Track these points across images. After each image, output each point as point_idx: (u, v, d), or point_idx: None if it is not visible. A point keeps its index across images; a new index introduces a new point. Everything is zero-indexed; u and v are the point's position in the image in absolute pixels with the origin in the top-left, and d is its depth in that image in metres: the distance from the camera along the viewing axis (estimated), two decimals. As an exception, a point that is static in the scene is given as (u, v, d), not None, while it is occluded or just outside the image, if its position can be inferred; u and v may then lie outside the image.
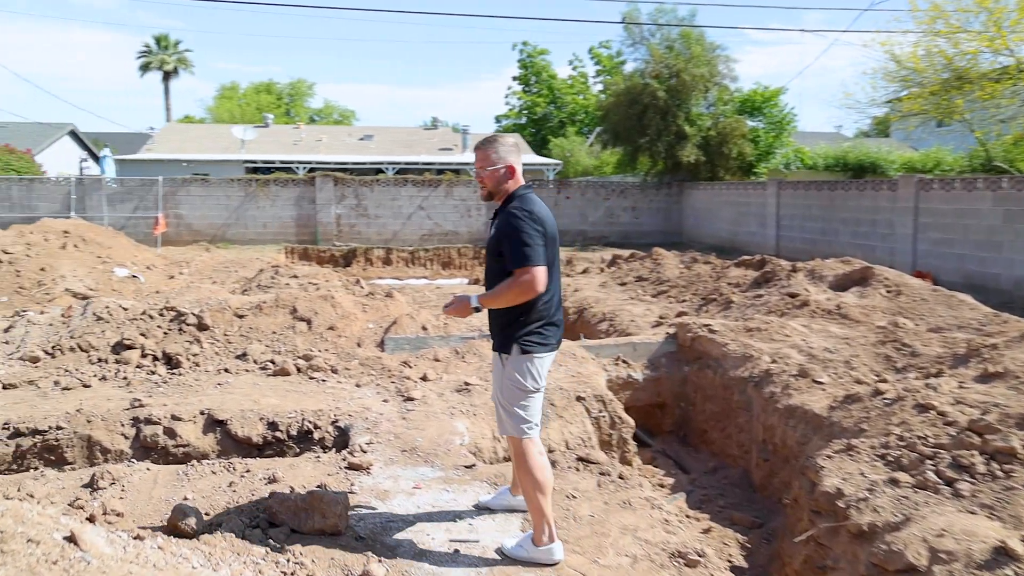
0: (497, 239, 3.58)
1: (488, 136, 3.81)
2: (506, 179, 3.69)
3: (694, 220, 22.49)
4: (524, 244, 3.43)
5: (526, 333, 3.63)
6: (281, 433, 5.34)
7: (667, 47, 21.84)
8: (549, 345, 3.66)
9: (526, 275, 3.42)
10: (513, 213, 3.52)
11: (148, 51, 53.79)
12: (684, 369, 7.70)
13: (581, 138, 39.57)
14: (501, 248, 3.53)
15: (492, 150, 3.69)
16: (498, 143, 3.73)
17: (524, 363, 3.60)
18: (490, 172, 3.67)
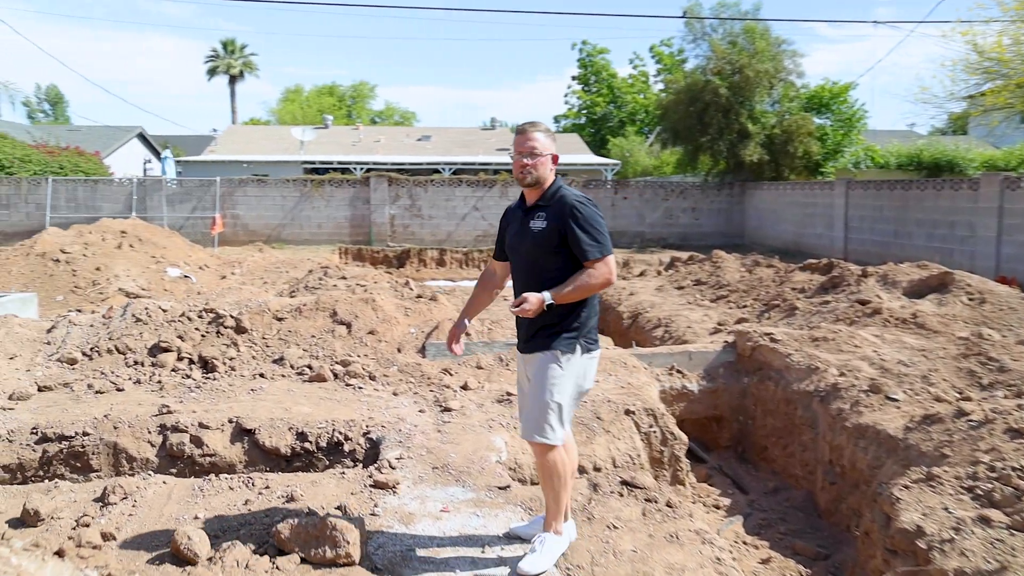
0: (553, 232, 3.34)
1: (533, 120, 3.54)
2: (551, 168, 3.50)
3: (756, 221, 21.69)
4: (600, 232, 3.34)
5: (588, 331, 3.46)
6: (310, 444, 5.08)
7: (730, 42, 21.10)
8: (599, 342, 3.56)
9: (605, 265, 3.33)
10: (580, 202, 3.38)
11: (215, 55, 55.09)
12: (743, 380, 7.21)
13: (641, 138, 38.89)
14: (556, 241, 3.34)
15: (546, 134, 3.49)
16: (548, 128, 3.54)
17: (587, 363, 3.44)
18: (542, 158, 3.44)
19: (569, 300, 3.34)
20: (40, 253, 11.65)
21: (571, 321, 3.44)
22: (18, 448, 5.01)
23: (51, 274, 11.23)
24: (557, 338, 3.40)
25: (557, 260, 3.38)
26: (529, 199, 3.58)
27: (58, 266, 11.36)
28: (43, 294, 10.88)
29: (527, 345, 3.51)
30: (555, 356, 3.38)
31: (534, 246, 3.41)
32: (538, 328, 3.44)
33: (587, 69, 44.19)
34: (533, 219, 3.45)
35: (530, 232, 3.43)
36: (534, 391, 3.43)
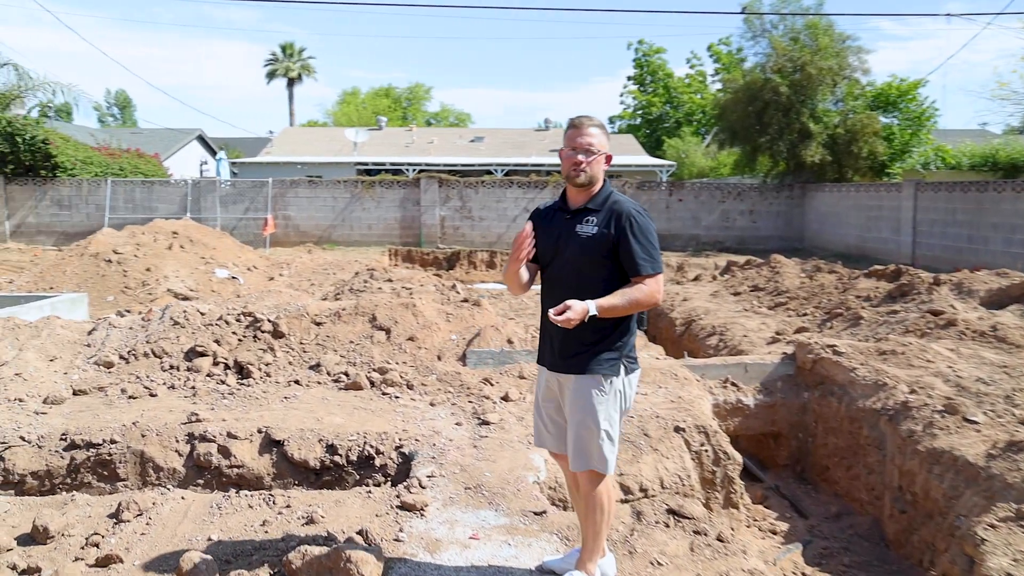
0: (605, 239, 3.07)
1: (588, 114, 3.24)
2: (602, 169, 3.22)
3: (817, 225, 20.89)
4: (654, 247, 3.11)
5: (630, 349, 3.22)
6: (340, 458, 4.85)
7: (791, 39, 20.35)
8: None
9: (655, 283, 3.09)
10: (639, 212, 3.14)
11: (274, 59, 56.07)
12: (803, 395, 6.76)
13: (697, 139, 38.12)
14: (607, 250, 3.10)
15: (602, 131, 3.20)
16: (604, 125, 3.24)
17: (628, 383, 3.22)
18: (598, 156, 3.16)
19: (613, 315, 3.04)
20: (93, 254, 11.78)
21: (614, 339, 3.16)
22: (47, 455, 4.91)
23: (103, 274, 11.34)
24: (598, 359, 3.13)
25: (603, 271, 3.11)
26: (575, 200, 3.26)
27: (110, 266, 11.46)
28: (95, 294, 10.97)
29: (563, 364, 3.21)
30: (598, 381, 3.12)
31: (582, 253, 3.13)
32: (576, 346, 3.15)
33: (643, 69, 43.54)
34: (581, 223, 3.16)
35: (577, 237, 3.14)
36: (578, 418, 3.15)
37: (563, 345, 3.19)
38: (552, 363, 3.27)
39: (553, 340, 3.26)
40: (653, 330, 11.66)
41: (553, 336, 3.26)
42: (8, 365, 6.17)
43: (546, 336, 3.33)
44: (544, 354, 3.35)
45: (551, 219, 3.32)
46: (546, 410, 3.37)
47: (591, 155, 3.14)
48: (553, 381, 3.29)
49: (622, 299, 3.02)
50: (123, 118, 66.15)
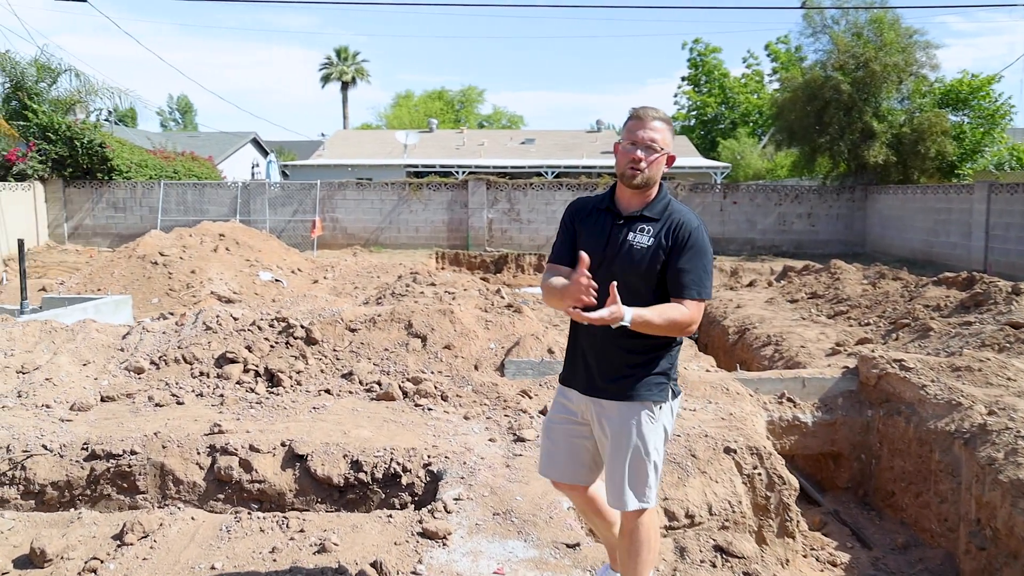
0: (659, 253, 2.75)
1: (654, 105, 2.84)
2: (663, 171, 2.83)
3: (880, 229, 19.99)
4: (707, 271, 2.76)
5: (675, 372, 2.93)
6: (365, 475, 4.60)
7: (854, 34, 19.51)
8: None
9: (698, 310, 2.74)
10: (700, 228, 2.79)
11: (329, 63, 56.70)
12: (866, 413, 6.27)
13: (753, 140, 37.17)
14: (659, 265, 2.76)
15: (668, 126, 2.80)
16: (670, 119, 2.85)
17: (674, 409, 2.94)
18: (660, 155, 2.76)
19: (644, 329, 2.67)
20: (141, 256, 11.84)
21: (664, 361, 2.84)
22: (67, 464, 4.76)
23: (149, 276, 11.38)
24: (646, 384, 2.80)
25: (650, 286, 2.76)
26: (629, 204, 2.86)
27: (156, 269, 11.50)
28: (140, 296, 11.00)
29: (604, 388, 2.84)
30: (647, 409, 2.80)
31: (631, 265, 2.76)
32: (621, 367, 2.81)
33: (698, 69, 42.67)
34: (635, 231, 2.79)
35: (629, 247, 2.78)
36: (625, 451, 2.81)
37: (604, 366, 2.84)
38: (588, 386, 2.90)
39: (590, 359, 2.89)
40: (704, 338, 11.18)
41: (590, 355, 2.89)
42: (40, 370, 6.10)
43: (579, 354, 2.95)
44: (576, 375, 2.96)
45: (597, 220, 2.91)
46: (564, 435, 3.01)
47: (653, 153, 2.74)
48: (586, 406, 2.92)
49: (658, 316, 2.65)
50: (184, 122, 67.86)
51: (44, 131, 18.07)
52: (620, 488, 2.81)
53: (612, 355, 2.81)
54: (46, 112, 18.16)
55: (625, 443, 2.80)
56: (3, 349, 6.58)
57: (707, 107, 41.75)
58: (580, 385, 2.93)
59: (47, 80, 18.90)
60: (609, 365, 2.82)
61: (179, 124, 67.17)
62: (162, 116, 67.13)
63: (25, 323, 7.00)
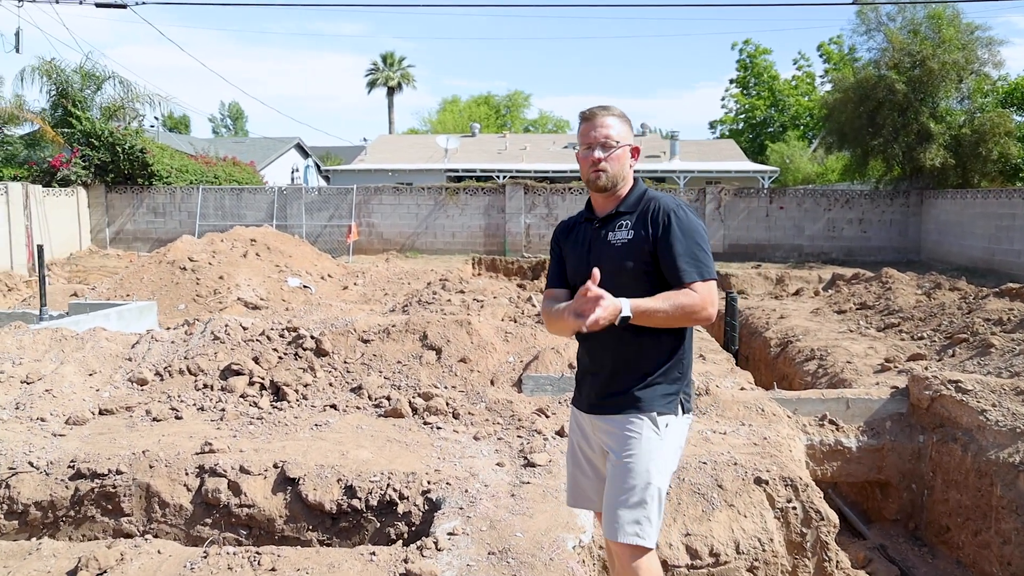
0: (643, 244, 2.56)
1: (604, 104, 2.64)
2: (630, 166, 2.68)
3: (936, 235, 19.05)
4: (702, 248, 2.53)
5: (688, 382, 2.69)
6: (359, 502, 4.26)
7: (910, 31, 18.62)
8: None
9: (707, 291, 2.48)
10: (680, 206, 2.59)
11: (375, 68, 57.08)
12: (918, 439, 5.72)
13: (803, 143, 36.14)
14: (646, 258, 2.56)
15: (621, 120, 2.61)
16: (624, 114, 2.64)
17: (684, 428, 2.66)
18: (618, 150, 2.57)
19: (651, 322, 2.41)
20: (170, 261, 11.77)
21: (672, 368, 2.56)
22: (52, 483, 4.54)
23: (177, 282, 11.29)
24: (651, 393, 2.53)
25: (644, 284, 2.53)
26: (602, 207, 2.69)
27: (184, 274, 11.41)
28: (167, 302, 10.91)
29: (604, 403, 2.60)
30: (651, 421, 2.51)
31: (617, 264, 2.53)
32: (627, 379, 2.53)
33: (747, 71, 41.74)
34: (613, 229, 2.60)
35: (609, 247, 2.58)
36: (621, 472, 2.51)
37: (605, 377, 2.60)
38: (591, 404, 2.66)
39: (592, 373, 2.67)
40: (745, 350, 10.63)
41: (592, 368, 2.66)
42: (43, 380, 5.92)
43: (583, 371, 2.74)
44: (580, 393, 2.76)
45: (578, 233, 2.76)
46: (587, 460, 2.77)
47: (610, 149, 2.56)
48: (592, 427, 2.68)
49: (663, 302, 2.40)
50: (235, 129, 69.09)
51: (88, 137, 18.33)
52: (613, 513, 2.51)
53: (614, 363, 2.56)
54: (90, 119, 18.41)
55: (623, 460, 2.52)
56: (12, 357, 6.44)
57: (756, 110, 40.79)
58: (584, 403, 2.71)
59: (91, 87, 19.20)
60: (611, 376, 2.58)
61: (230, 130, 68.41)
62: (214, 123, 68.49)
63: (36, 331, 6.87)
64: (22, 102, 19.46)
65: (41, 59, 18.57)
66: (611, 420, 2.59)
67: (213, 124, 68.09)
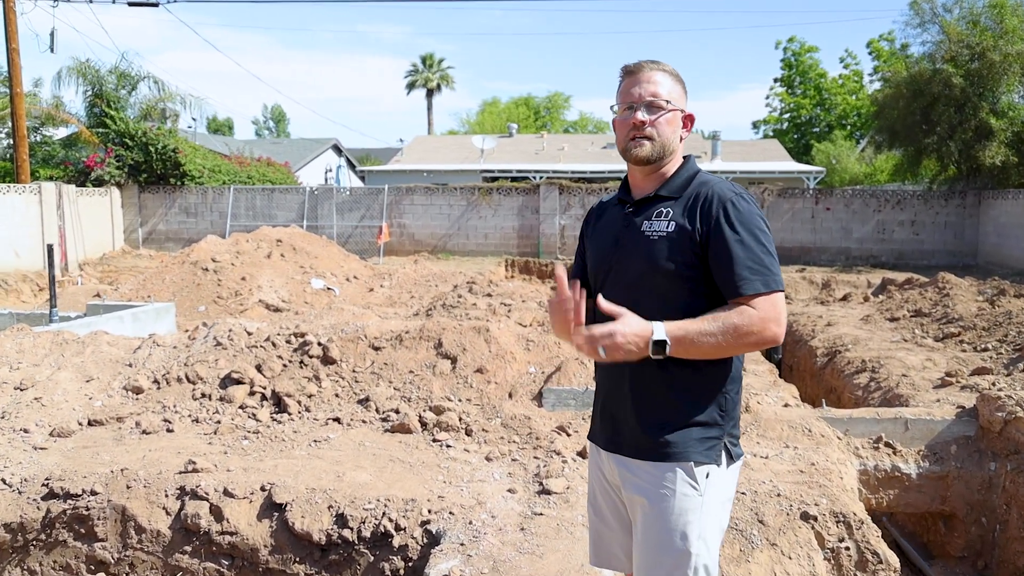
0: (686, 241, 1.96)
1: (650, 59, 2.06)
2: (680, 137, 2.07)
3: (996, 238, 18.03)
4: (767, 251, 1.93)
5: (735, 422, 2.06)
6: (351, 532, 3.81)
7: (969, 22, 17.65)
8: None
9: (770, 306, 1.87)
10: (739, 196, 1.97)
11: (414, 70, 57.05)
12: (988, 466, 5.08)
13: (850, 143, 34.96)
14: (690, 258, 1.96)
15: (674, 78, 2.06)
16: (677, 72, 2.05)
17: (732, 478, 2.07)
18: (668, 113, 2.01)
19: (697, 352, 1.85)
20: (193, 261, 11.53)
21: (714, 403, 1.98)
22: (24, 503, 4.18)
23: (199, 283, 11.03)
24: (686, 436, 1.98)
25: (683, 293, 1.96)
26: (640, 186, 2.10)
27: (206, 275, 11.14)
28: (188, 304, 10.65)
29: (629, 443, 2.04)
30: (687, 474, 1.98)
31: (648, 263, 1.98)
32: (655, 413, 1.98)
33: (792, 69, 40.61)
34: (649, 218, 2.03)
35: (642, 240, 2.01)
36: (651, 541, 1.98)
37: (628, 410, 2.03)
38: (609, 440, 2.11)
39: (611, 402, 2.10)
40: (789, 360, 9.97)
41: (611, 395, 2.10)
42: (35, 387, 5.60)
43: (603, 399, 2.17)
44: (597, 425, 2.20)
45: (608, 217, 2.21)
46: (610, 509, 2.19)
47: (658, 111, 1.99)
48: (613, 469, 2.13)
49: (712, 324, 1.84)
50: (277, 131, 69.81)
51: (122, 137, 18.33)
52: None
53: (637, 394, 2.00)
54: (124, 119, 18.41)
55: (654, 523, 1.97)
56: (10, 362, 6.15)
57: (801, 109, 39.66)
58: (603, 440, 2.15)
59: (127, 87, 19.22)
60: (633, 410, 2.01)
61: (272, 132, 69.13)
62: (256, 125, 69.29)
63: (38, 334, 6.58)
64: (60, 102, 19.58)
65: (76, 59, 18.64)
66: (635, 467, 2.04)
67: (256, 126, 68.90)
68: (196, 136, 25.88)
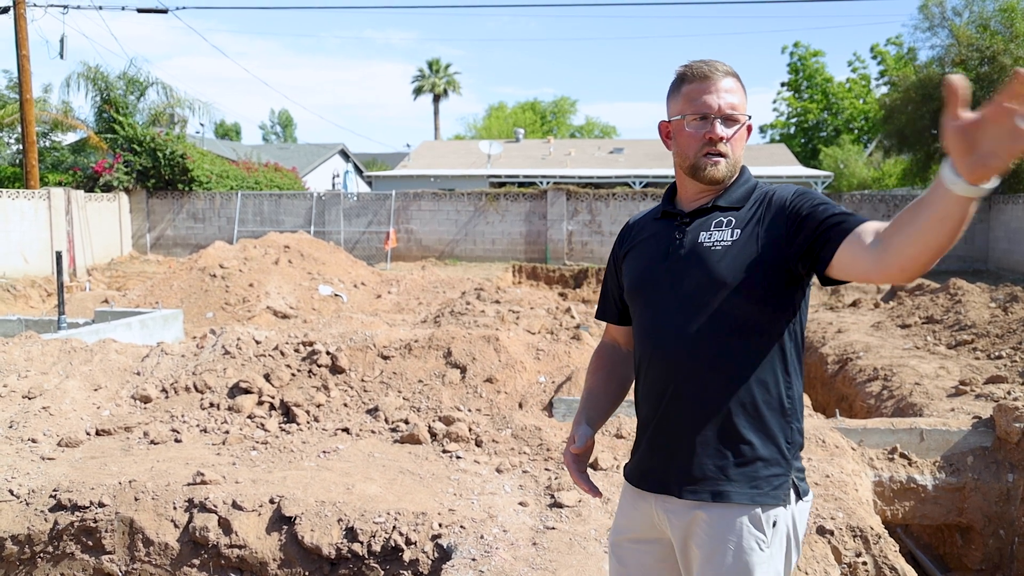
0: (752, 247, 1.75)
1: (712, 60, 1.84)
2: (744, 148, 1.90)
3: (1006, 243, 17.91)
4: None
5: (800, 457, 1.84)
6: (360, 546, 3.76)
7: (979, 26, 17.57)
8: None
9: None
10: (800, 189, 1.82)
11: (421, 75, 57.17)
12: (1006, 478, 5.01)
13: (858, 147, 34.85)
14: (762, 269, 1.74)
15: (743, 85, 1.86)
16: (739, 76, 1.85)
17: (802, 519, 1.81)
18: (743, 130, 1.83)
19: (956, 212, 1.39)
20: (201, 268, 11.53)
21: (780, 436, 1.78)
22: (32, 515, 4.14)
23: (206, 290, 11.02)
24: (751, 473, 1.75)
25: (750, 310, 1.75)
26: (693, 198, 1.89)
27: (214, 281, 11.13)
28: (195, 311, 10.64)
29: (682, 483, 1.80)
30: (752, 521, 1.73)
31: (709, 277, 1.77)
32: (711, 447, 1.77)
33: (798, 74, 40.51)
34: (707, 228, 1.82)
35: (702, 251, 1.80)
36: None
37: (689, 444, 1.79)
38: (663, 480, 1.84)
39: (666, 436, 1.84)
40: (800, 367, 9.88)
41: (666, 429, 1.84)
42: (43, 396, 5.58)
43: (652, 431, 1.88)
44: (644, 464, 1.91)
45: (653, 233, 1.95)
46: (643, 558, 1.94)
47: (734, 125, 1.80)
48: (661, 515, 1.86)
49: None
50: (284, 136, 70.04)
51: (130, 143, 18.38)
52: None
53: (696, 423, 1.77)
54: (132, 124, 18.46)
55: None
56: (19, 370, 6.13)
57: (808, 113, 39.56)
58: (653, 481, 1.87)
59: (135, 93, 19.28)
60: (691, 440, 1.78)
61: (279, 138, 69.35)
62: (264, 130, 69.58)
63: (46, 342, 6.57)
64: (69, 108, 19.64)
65: (86, 65, 18.70)
66: (687, 512, 1.79)
67: (264, 131, 69.16)
68: (204, 141, 25.94)
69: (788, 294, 1.77)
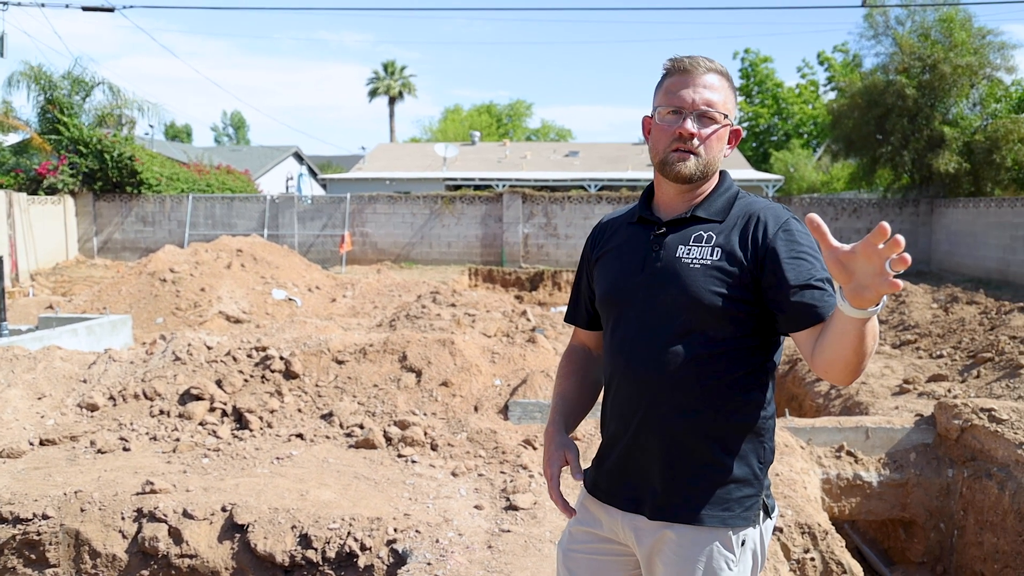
0: (732, 268, 1.70)
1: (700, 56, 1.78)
2: (724, 153, 1.81)
3: (947, 246, 18.50)
4: (828, 273, 1.62)
5: (767, 476, 1.82)
6: (315, 552, 3.73)
7: (920, 35, 18.12)
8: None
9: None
10: (792, 220, 1.76)
11: (376, 77, 56.72)
12: (946, 473, 5.18)
13: (807, 151, 35.66)
14: (738, 292, 1.70)
15: (731, 85, 1.80)
16: (729, 74, 1.83)
17: (768, 535, 1.82)
18: (722, 130, 1.76)
19: (869, 341, 1.51)
20: (150, 272, 11.28)
21: (752, 457, 1.77)
22: (-29, 528, 4.02)
23: (156, 295, 10.79)
24: (724, 496, 1.73)
25: (728, 330, 1.72)
26: (671, 206, 1.84)
27: (164, 286, 10.91)
28: (145, 316, 10.42)
29: (652, 505, 1.77)
30: (724, 544, 1.72)
31: (688, 297, 1.72)
32: (684, 470, 1.75)
33: (749, 79, 41.26)
34: (687, 243, 1.76)
35: (681, 269, 1.74)
36: None
37: (661, 466, 1.76)
38: (634, 500, 1.81)
39: (635, 457, 1.80)
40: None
41: (636, 450, 1.80)
42: (-17, 405, 5.40)
43: (622, 451, 1.83)
44: (616, 483, 1.85)
45: (628, 239, 1.88)
46: (587, 566, 1.91)
47: (710, 124, 1.74)
48: (628, 532, 1.82)
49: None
50: (237, 138, 68.85)
51: (76, 144, 17.89)
52: None
53: (669, 444, 1.75)
54: (77, 125, 17.97)
55: None
56: (-43, 379, 5.93)
57: (759, 118, 40.31)
58: (617, 499, 1.84)
59: (81, 93, 18.77)
60: (663, 462, 1.76)
61: (232, 139, 68.15)
62: (216, 132, 68.34)
63: (-14, 350, 6.36)
64: (10, 108, 19.05)
65: (27, 64, 18.15)
66: (655, 531, 1.76)
67: (215, 133, 67.94)
68: (153, 143, 25.38)
69: (764, 316, 1.73)
